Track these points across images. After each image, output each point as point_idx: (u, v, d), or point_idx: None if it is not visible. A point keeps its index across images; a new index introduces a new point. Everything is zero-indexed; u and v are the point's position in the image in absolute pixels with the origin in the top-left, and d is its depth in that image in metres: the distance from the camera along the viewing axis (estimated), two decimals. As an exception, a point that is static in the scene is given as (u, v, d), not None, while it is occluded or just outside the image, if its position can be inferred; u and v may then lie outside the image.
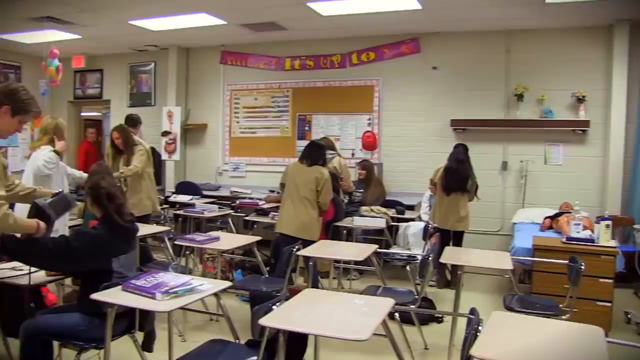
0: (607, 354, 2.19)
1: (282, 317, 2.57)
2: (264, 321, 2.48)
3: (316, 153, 5.21)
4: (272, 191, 7.71)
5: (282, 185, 5.36)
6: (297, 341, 2.77)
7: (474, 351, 2.13)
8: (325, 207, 5.19)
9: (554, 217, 6.06)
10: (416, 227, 6.27)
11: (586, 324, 2.57)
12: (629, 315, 5.11)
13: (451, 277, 6.04)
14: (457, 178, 6.00)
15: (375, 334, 2.41)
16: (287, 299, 2.84)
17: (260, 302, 2.71)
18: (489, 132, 7.28)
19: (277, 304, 2.70)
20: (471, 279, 6.29)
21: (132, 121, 6.44)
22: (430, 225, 6.03)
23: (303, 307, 2.77)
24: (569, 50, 7.07)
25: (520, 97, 7.07)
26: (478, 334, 2.37)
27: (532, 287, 4.84)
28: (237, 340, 3.10)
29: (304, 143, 6.29)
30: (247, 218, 6.88)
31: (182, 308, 3.31)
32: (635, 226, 5.18)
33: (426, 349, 4.29)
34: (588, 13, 6.47)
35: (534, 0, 6.06)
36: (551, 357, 2.22)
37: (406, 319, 4.24)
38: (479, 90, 7.38)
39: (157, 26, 7.49)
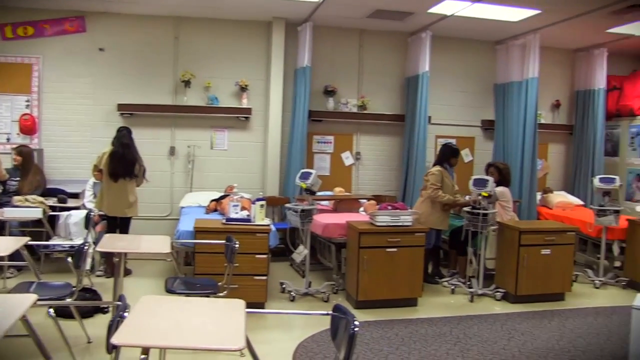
0: (244, 322, 2.56)
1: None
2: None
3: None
4: None
5: None
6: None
7: (114, 338, 2.22)
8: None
9: (219, 200, 6.56)
10: (78, 216, 6.13)
11: (231, 299, 2.94)
12: (283, 286, 5.89)
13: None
14: (124, 163, 6.03)
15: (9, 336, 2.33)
16: None
17: None
18: (157, 117, 7.50)
19: None
20: (142, 265, 6.47)
21: None
22: (93, 213, 5.98)
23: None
24: (234, 41, 7.69)
25: (187, 83, 7.43)
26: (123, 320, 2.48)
27: (195, 269, 5.22)
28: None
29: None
30: None
31: None
32: (287, 205, 5.95)
33: (89, 342, 4.30)
34: (252, 8, 7.14)
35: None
36: (191, 333, 2.45)
37: (66, 314, 4.20)
38: (147, 74, 7.52)
39: None
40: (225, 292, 4.33)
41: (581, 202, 8.23)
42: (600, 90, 8.51)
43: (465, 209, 5.98)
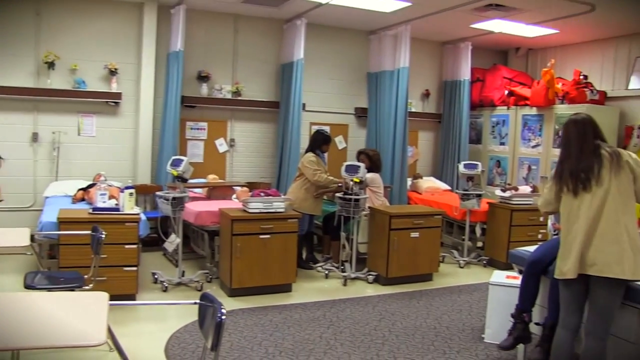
0: (106, 316, 2.48)
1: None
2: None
3: None
4: None
5: None
6: None
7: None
8: None
9: (86, 189, 6.27)
10: None
11: (95, 292, 2.84)
12: (155, 276, 5.75)
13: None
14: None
15: None
16: None
17: None
18: (17, 101, 6.96)
19: None
20: (1, 261, 6.06)
21: None
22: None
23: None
24: (104, 22, 7.31)
25: (51, 65, 6.96)
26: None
27: (60, 262, 4.95)
28: None
29: None
30: None
31: None
32: (158, 193, 5.80)
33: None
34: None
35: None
36: (48, 330, 2.35)
37: None
38: (5, 54, 6.95)
39: None
40: (91, 285, 4.16)
41: (448, 187, 8.70)
42: (466, 81, 9.01)
43: (338, 194, 6.13)
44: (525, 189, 7.54)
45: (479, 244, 7.57)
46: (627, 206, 3.27)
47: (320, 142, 6.62)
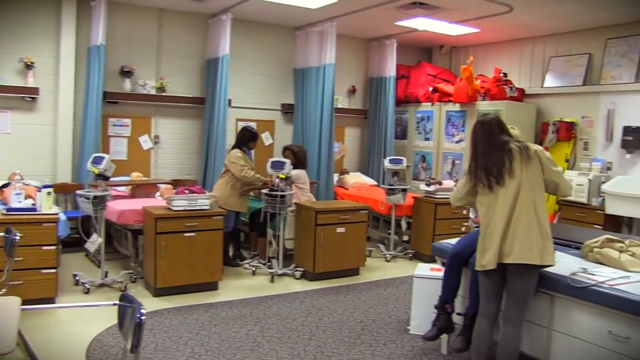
0: (17, 322, 2.38)
1: None
2: None
3: None
4: None
5: None
6: None
7: None
8: None
9: (1, 189, 5.99)
10: None
11: (6, 297, 2.72)
12: (77, 278, 5.57)
13: None
14: None
15: None
16: None
17: None
18: None
19: None
20: None
21: None
22: None
23: None
24: (19, 13, 6.97)
25: (-41, 57, 6.64)
26: None
27: (-29, 266, 4.71)
28: None
29: None
30: None
31: None
32: (78, 192, 5.60)
33: None
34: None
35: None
36: None
37: None
38: None
39: None
40: (4, 289, 3.98)
41: (375, 182, 8.82)
42: (391, 78, 9.15)
43: (264, 191, 6.12)
44: (449, 183, 7.73)
45: (405, 237, 7.72)
46: (538, 195, 3.43)
47: (247, 138, 6.58)
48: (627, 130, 7.21)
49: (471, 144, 3.66)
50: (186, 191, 5.57)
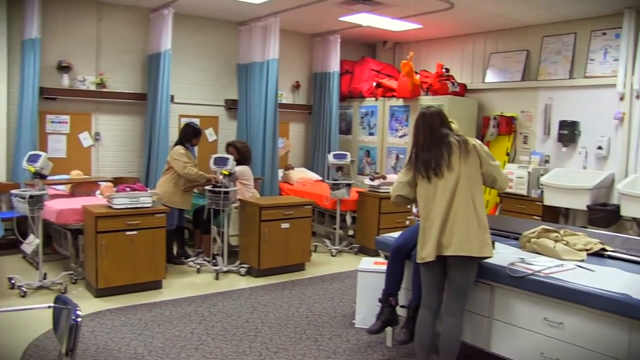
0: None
1: None
2: None
3: None
4: None
5: None
6: None
7: None
8: None
9: None
10: None
11: None
12: (12, 281, 5.38)
13: None
14: None
15: None
16: None
17: None
18: None
19: None
20: None
21: None
22: None
23: None
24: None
25: None
26: None
27: None
28: None
29: None
30: None
31: None
32: (13, 191, 5.41)
33: None
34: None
35: None
36: None
37: None
38: None
39: None
40: None
41: (319, 178, 8.84)
42: (335, 73, 9.18)
43: (207, 187, 6.05)
44: (393, 177, 7.75)
45: (350, 232, 7.77)
46: (475, 188, 3.49)
47: (189, 135, 6.48)
48: (562, 124, 7.44)
49: (413, 136, 3.70)
50: (127, 189, 5.45)
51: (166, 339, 4.32)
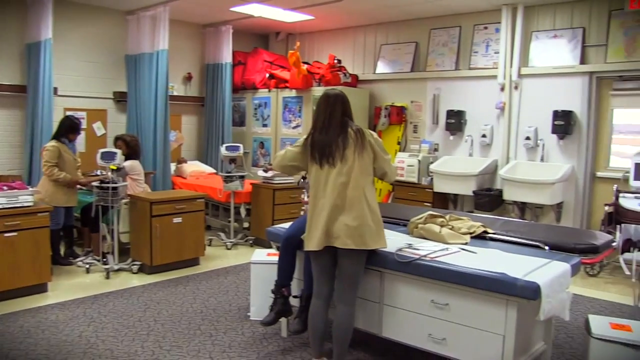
0: None
1: None
2: None
3: None
4: None
5: None
6: None
7: None
8: None
9: None
10: None
11: None
12: None
13: None
14: None
15: None
16: None
17: None
18: None
19: None
20: None
21: None
22: None
23: None
24: None
25: None
26: None
27: None
28: None
29: None
30: None
31: None
32: None
33: None
34: None
35: None
36: None
37: None
38: None
39: None
40: None
41: (213, 170, 8.71)
42: (227, 64, 9.04)
43: (94, 183, 5.79)
44: (287, 168, 7.82)
45: (245, 224, 7.71)
46: (368, 182, 3.53)
47: (66, 129, 6.10)
48: (449, 113, 7.74)
49: (314, 115, 3.68)
50: (5, 187, 5.10)
51: (51, 345, 4.10)
